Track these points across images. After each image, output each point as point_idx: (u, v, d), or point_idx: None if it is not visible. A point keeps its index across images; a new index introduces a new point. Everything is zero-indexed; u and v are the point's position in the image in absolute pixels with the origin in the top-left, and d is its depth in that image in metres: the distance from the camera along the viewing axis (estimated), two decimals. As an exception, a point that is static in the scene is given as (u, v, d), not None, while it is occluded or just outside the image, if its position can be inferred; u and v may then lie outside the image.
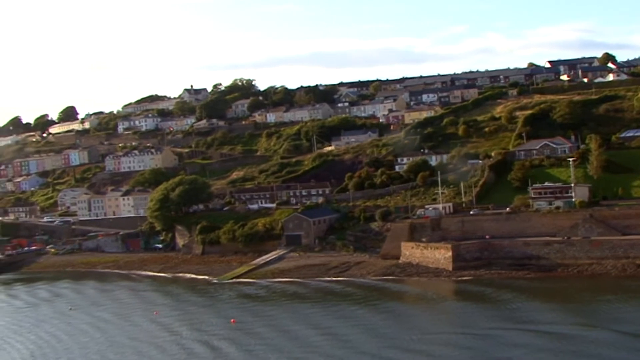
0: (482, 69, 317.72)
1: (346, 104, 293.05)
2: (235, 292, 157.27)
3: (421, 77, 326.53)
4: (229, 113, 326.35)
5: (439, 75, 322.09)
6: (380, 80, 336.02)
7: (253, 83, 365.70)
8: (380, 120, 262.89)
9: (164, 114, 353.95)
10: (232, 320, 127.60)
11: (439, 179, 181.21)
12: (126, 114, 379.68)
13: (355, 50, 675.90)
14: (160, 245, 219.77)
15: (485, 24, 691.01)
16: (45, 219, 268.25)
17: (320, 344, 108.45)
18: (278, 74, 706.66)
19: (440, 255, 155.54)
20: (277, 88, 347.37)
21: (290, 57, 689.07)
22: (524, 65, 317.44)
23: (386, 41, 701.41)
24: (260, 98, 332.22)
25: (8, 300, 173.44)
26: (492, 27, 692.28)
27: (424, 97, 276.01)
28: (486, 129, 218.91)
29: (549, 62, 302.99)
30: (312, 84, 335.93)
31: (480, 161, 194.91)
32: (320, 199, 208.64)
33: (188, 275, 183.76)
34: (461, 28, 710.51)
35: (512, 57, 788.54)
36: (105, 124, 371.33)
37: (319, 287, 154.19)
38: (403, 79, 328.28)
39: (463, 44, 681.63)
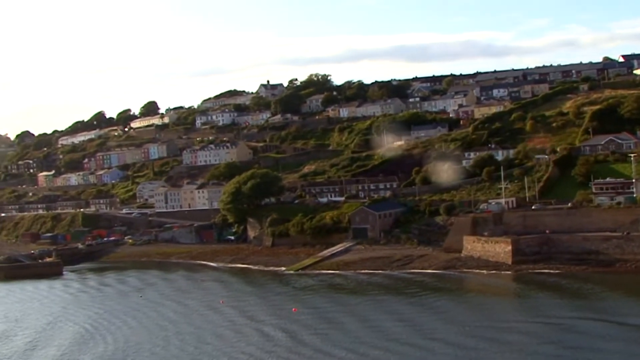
0: (564, 63, 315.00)
1: (417, 98, 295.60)
2: (300, 283, 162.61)
3: (495, 71, 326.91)
4: (303, 108, 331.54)
5: (512, 70, 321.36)
6: (454, 75, 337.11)
7: (328, 78, 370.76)
8: (450, 115, 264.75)
9: (240, 109, 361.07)
10: (293, 309, 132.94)
11: (502, 173, 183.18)
12: (204, 109, 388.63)
13: (437, 44, 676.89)
14: (232, 237, 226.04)
15: (568, 17, 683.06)
16: (124, 211, 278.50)
17: (365, 333, 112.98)
18: (360, 69, 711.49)
19: (500, 249, 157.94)
20: (353, 83, 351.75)
21: (372, 52, 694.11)
22: (599, 59, 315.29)
23: (468, 35, 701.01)
24: (335, 93, 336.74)
25: (81, 287, 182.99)
26: (576, 20, 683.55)
27: (495, 92, 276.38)
28: (553, 124, 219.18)
29: (622, 56, 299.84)
30: (388, 79, 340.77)
31: (546, 156, 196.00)
32: (388, 193, 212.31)
33: (257, 267, 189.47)
34: (544, 21, 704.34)
35: (595, 50, 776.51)
36: (184, 118, 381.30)
37: (379, 279, 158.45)
38: (476, 74, 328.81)
39: (545, 37, 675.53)
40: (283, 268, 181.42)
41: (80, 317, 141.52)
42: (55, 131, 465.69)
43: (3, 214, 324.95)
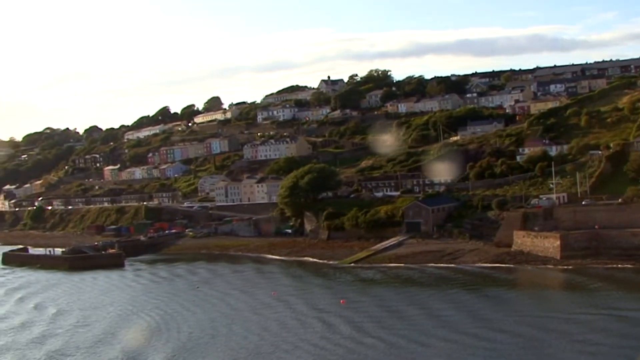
0: (631, 57, 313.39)
1: (475, 94, 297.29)
2: (352, 276, 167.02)
3: (554, 66, 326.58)
4: (362, 103, 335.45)
5: (571, 64, 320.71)
6: (514, 71, 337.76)
7: (389, 74, 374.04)
8: (507, 111, 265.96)
9: (301, 105, 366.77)
10: (342, 300, 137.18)
11: (553, 169, 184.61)
12: (266, 105, 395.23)
13: (502, 38, 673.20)
14: (289, 231, 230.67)
15: (636, 10, 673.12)
16: (185, 204, 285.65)
17: (422, 322, 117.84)
18: (425, 63, 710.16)
19: (549, 244, 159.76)
20: (413, 78, 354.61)
21: (437, 46, 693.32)
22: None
23: (535, 29, 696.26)
24: (394, 89, 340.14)
25: (141, 277, 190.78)
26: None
27: (552, 87, 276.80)
28: (608, 120, 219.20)
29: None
30: (450, 74, 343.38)
31: (600, 152, 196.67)
32: (442, 188, 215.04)
33: (311, 259, 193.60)
34: (611, 14, 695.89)
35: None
36: (246, 113, 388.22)
37: (430, 272, 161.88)
38: (535, 69, 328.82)
39: (612, 31, 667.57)
40: (336, 261, 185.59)
41: (142, 307, 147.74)
42: (122, 126, 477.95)
43: (70, 207, 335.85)
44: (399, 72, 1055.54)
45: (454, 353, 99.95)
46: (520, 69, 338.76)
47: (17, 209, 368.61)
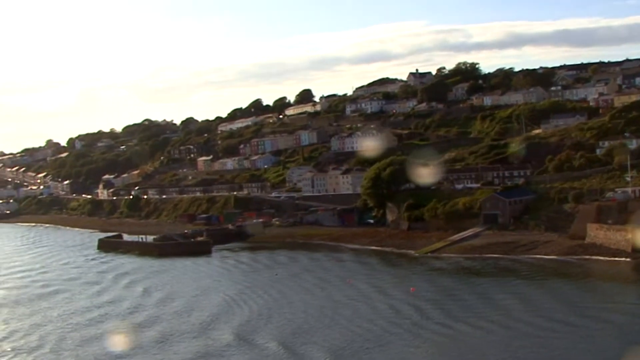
0: None
1: (559, 87, 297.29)
2: (426, 265, 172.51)
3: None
4: (449, 96, 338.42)
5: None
6: (602, 63, 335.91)
7: (477, 66, 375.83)
8: (590, 104, 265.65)
9: (389, 97, 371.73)
10: (411, 289, 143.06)
11: (629, 162, 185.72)
12: (355, 97, 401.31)
13: (602, 29, 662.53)
14: (372, 221, 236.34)
15: None
16: (273, 194, 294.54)
17: (484, 311, 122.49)
18: (523, 55, 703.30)
19: (621, 237, 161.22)
20: (503, 70, 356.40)
21: (535, 36, 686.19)
22: None
23: (636, 18, 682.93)
24: (480, 82, 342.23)
25: (226, 264, 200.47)
26: None
27: (637, 80, 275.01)
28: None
29: None
30: (549, 65, 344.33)
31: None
32: (521, 180, 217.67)
33: (390, 249, 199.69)
34: None
35: None
36: (335, 106, 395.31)
37: (502, 263, 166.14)
38: (624, 61, 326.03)
39: None
40: (413, 251, 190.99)
41: (225, 289, 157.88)
42: (217, 118, 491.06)
43: (164, 196, 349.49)
44: (496, 63, 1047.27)
45: (511, 340, 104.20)
46: (609, 61, 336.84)
47: (114, 198, 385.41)
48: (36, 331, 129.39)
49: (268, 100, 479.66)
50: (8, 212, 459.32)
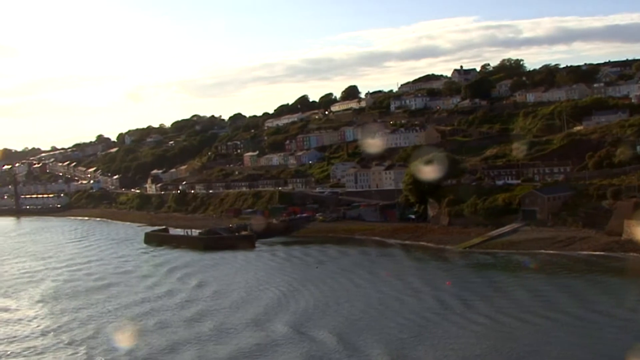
0: None
1: (602, 84, 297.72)
2: (463, 260, 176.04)
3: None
4: (493, 93, 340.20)
5: None
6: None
7: (521, 63, 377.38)
8: (632, 101, 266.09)
9: (433, 94, 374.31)
10: (447, 282, 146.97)
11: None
12: (400, 94, 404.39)
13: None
14: (413, 216, 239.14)
15: None
16: (317, 190, 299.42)
17: (525, 302, 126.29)
18: (574, 50, 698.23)
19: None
20: (549, 66, 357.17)
21: (585, 32, 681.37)
22: None
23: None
24: (524, 78, 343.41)
25: (269, 257, 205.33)
26: None
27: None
28: None
29: None
30: (598, 61, 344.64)
31: None
32: (561, 177, 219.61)
33: (429, 244, 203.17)
34: None
35: None
36: (380, 102, 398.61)
37: (539, 258, 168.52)
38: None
39: None
40: (451, 246, 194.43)
41: (278, 282, 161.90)
42: (264, 113, 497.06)
43: (211, 191, 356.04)
44: (544, 59, 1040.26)
45: (550, 330, 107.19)
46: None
47: (162, 192, 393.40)
48: (92, 322, 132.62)
49: (315, 97, 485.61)
50: (59, 206, 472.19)
